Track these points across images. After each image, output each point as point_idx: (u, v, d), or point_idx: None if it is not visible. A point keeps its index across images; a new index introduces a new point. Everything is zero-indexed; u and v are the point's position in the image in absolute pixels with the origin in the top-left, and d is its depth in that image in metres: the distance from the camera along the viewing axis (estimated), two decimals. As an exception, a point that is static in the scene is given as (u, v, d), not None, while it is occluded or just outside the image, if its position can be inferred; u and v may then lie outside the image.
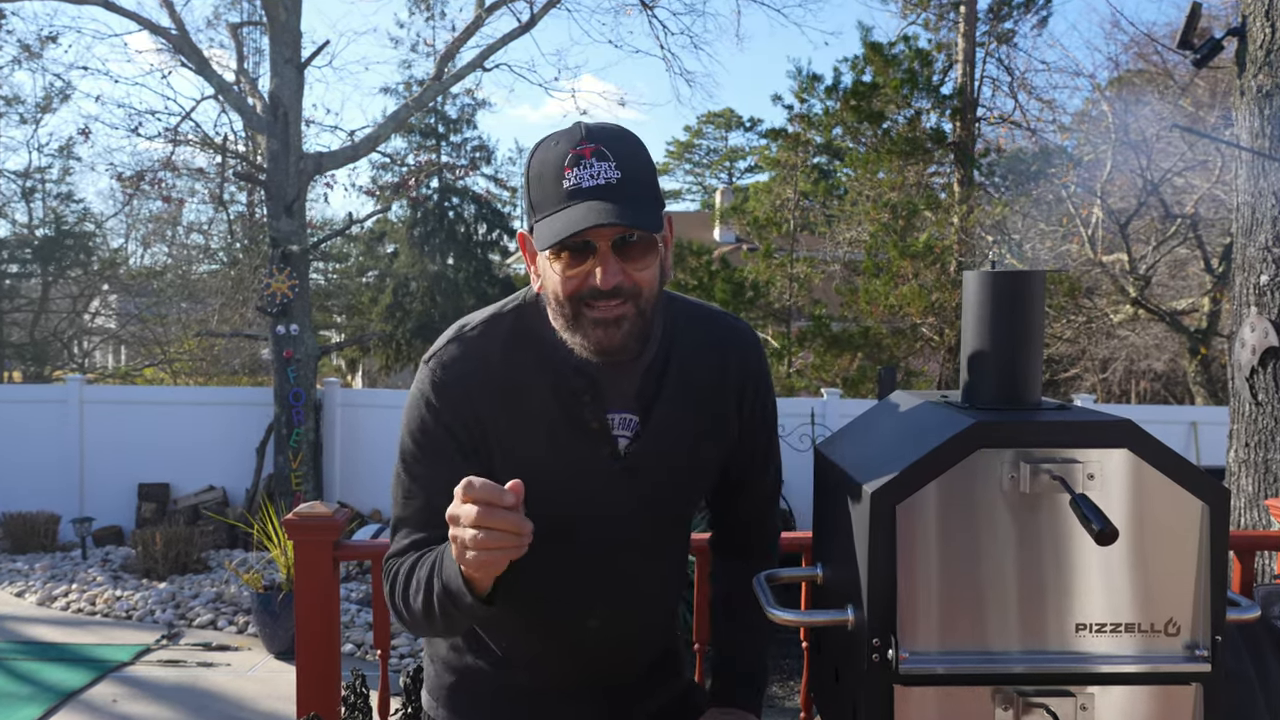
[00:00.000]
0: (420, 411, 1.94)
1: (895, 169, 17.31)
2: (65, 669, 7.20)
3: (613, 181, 1.76)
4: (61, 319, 21.03)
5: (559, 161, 1.79)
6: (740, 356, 2.08)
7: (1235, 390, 4.78)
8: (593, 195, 1.75)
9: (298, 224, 11.66)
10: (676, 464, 2.01)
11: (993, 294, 1.81)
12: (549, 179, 1.79)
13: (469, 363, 1.93)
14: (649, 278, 1.84)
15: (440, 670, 2.19)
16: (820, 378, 15.89)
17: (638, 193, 1.79)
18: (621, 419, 1.97)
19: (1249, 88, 4.70)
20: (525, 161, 1.87)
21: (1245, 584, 3.15)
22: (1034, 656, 1.69)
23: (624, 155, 1.79)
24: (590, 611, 2.03)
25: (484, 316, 2.00)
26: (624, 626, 2.08)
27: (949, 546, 1.68)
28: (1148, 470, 1.67)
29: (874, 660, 1.70)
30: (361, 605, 8.66)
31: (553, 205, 1.78)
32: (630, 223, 1.74)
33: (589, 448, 1.94)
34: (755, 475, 2.20)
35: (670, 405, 1.98)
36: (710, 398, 2.04)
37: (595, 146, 1.77)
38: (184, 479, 11.78)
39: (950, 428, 1.69)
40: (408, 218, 29.33)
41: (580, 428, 1.94)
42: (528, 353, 1.94)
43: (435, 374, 1.94)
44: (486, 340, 1.96)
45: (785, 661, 7.01)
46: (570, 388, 1.92)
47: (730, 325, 2.11)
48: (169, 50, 13.16)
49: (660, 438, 1.98)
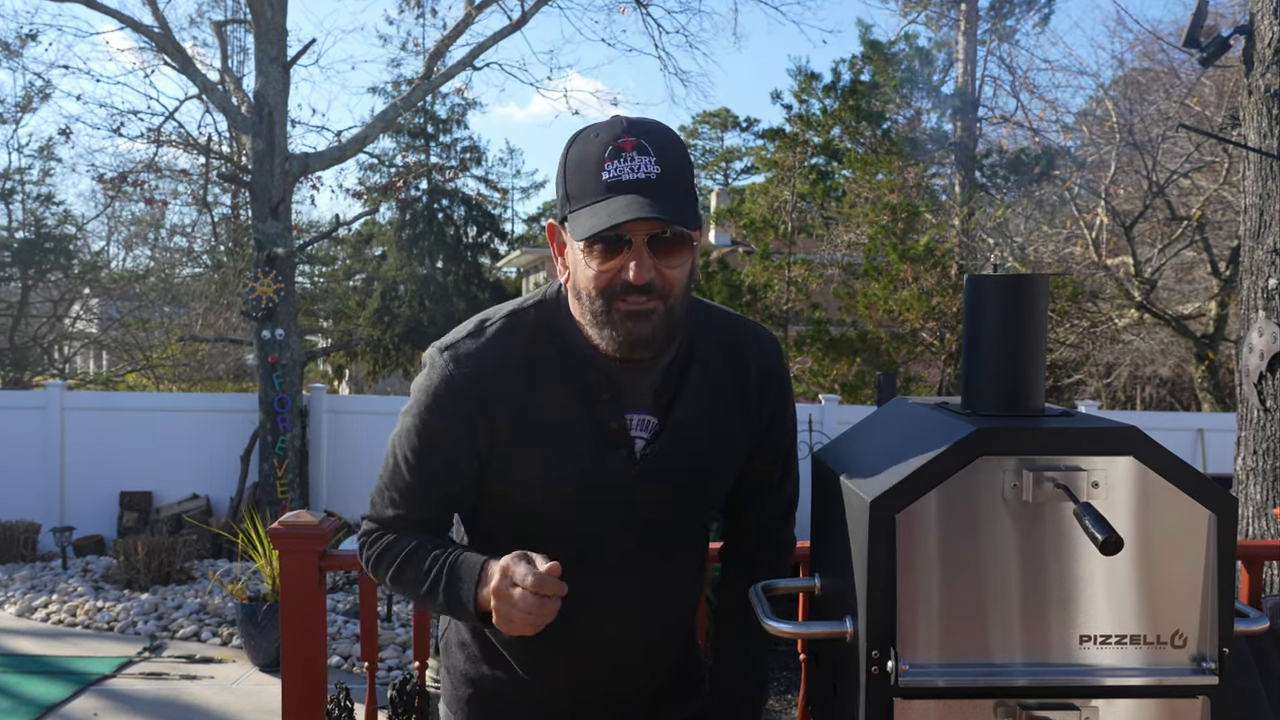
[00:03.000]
0: (428, 400, 1.94)
1: (895, 170, 17.33)
2: (45, 682, 7.18)
3: (653, 176, 1.78)
4: (42, 323, 20.97)
5: (599, 153, 1.80)
6: (761, 360, 2.09)
7: (1243, 396, 4.78)
8: (632, 189, 1.76)
9: (283, 226, 11.64)
10: (694, 466, 2.02)
11: (995, 298, 1.81)
12: (588, 170, 1.80)
13: (485, 362, 1.94)
14: (680, 276, 1.86)
15: (457, 682, 2.19)
16: (818, 383, 15.89)
17: (677, 189, 1.81)
18: (640, 420, 1.98)
19: (1257, 86, 4.71)
20: (563, 151, 1.88)
21: (1253, 595, 3.15)
22: (1037, 669, 1.69)
23: (664, 151, 1.81)
24: (606, 616, 2.03)
25: (506, 311, 2.01)
26: (641, 633, 2.08)
27: (950, 556, 1.68)
28: (1153, 478, 1.67)
29: (873, 673, 1.70)
30: (348, 616, 8.65)
31: (591, 196, 1.79)
32: (671, 218, 1.75)
33: (606, 448, 1.95)
34: (771, 483, 2.20)
35: (689, 407, 1.99)
36: (730, 400, 2.05)
37: (636, 140, 1.80)
38: (167, 487, 11.75)
39: (951, 435, 1.69)
40: (396, 220, 29.36)
41: (598, 428, 1.94)
42: (547, 349, 1.95)
43: (448, 368, 1.94)
44: (506, 338, 1.96)
45: (782, 674, 7.00)
46: (589, 387, 1.93)
47: (752, 329, 2.12)
48: (151, 49, 13.17)
49: (678, 440, 1.99)
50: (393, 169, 24.75)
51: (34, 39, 14.86)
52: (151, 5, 12.27)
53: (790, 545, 2.29)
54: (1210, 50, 4.84)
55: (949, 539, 1.67)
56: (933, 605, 1.69)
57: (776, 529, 2.26)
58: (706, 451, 2.03)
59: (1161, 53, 16.56)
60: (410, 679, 5.24)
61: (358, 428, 11.96)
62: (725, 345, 2.06)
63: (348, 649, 7.84)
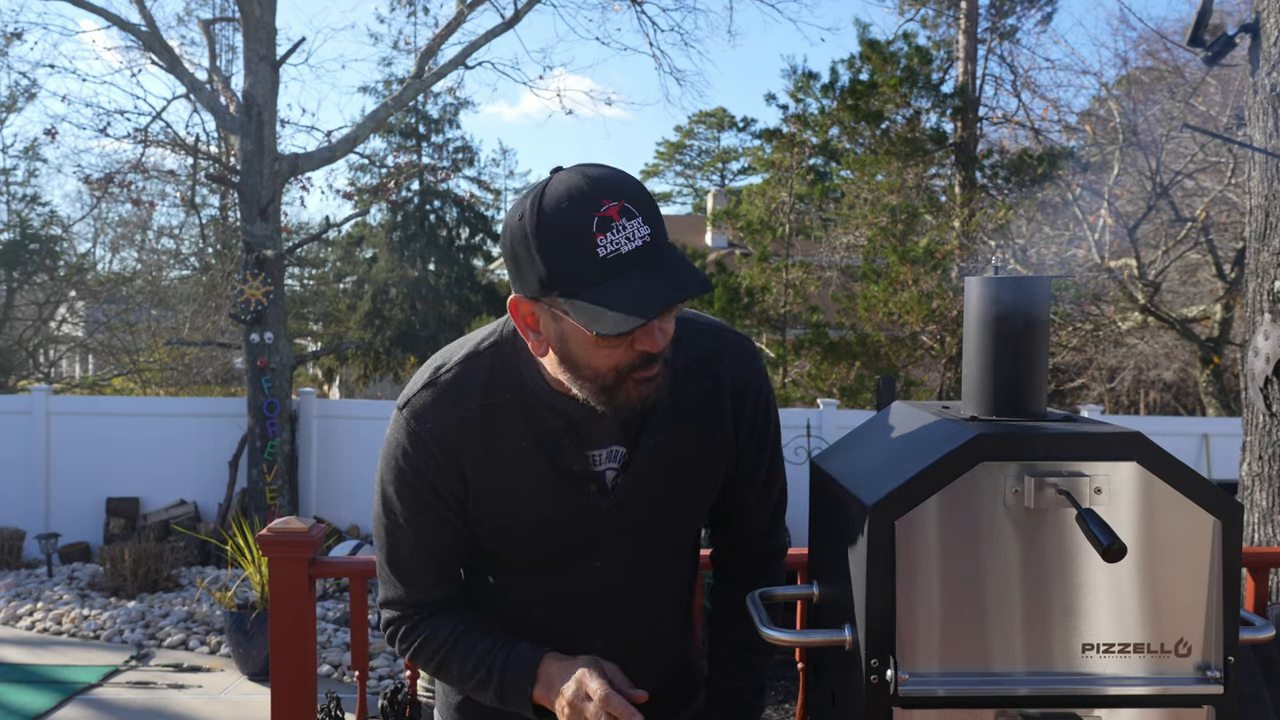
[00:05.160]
0: (397, 463, 1.92)
1: (894, 171, 17.33)
2: (30, 691, 7.17)
3: (647, 240, 1.67)
4: (26, 327, 20.93)
5: (584, 228, 1.66)
6: (735, 368, 2.03)
7: (1248, 401, 4.78)
8: (634, 260, 1.66)
9: (272, 228, 11.64)
10: (670, 492, 1.99)
11: (996, 301, 1.81)
12: (578, 249, 1.66)
13: (444, 410, 1.90)
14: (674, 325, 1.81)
15: (449, 690, 2.20)
16: (817, 388, 15.89)
17: (669, 245, 1.73)
18: (609, 452, 1.95)
19: (1262, 86, 4.71)
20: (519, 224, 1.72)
21: (1259, 602, 3.15)
22: (1039, 678, 1.69)
23: (641, 203, 1.70)
24: (594, 642, 2.01)
25: (460, 356, 1.95)
26: (631, 647, 2.07)
27: (950, 563, 1.68)
28: (1157, 484, 1.67)
29: (872, 682, 1.70)
30: (339, 625, 8.64)
31: (593, 279, 1.66)
32: (696, 290, 1.68)
33: (574, 490, 1.93)
34: (757, 490, 2.16)
35: (660, 432, 1.96)
36: (703, 415, 2.00)
37: (620, 204, 1.67)
38: (154, 493, 11.74)
39: (952, 440, 1.69)
40: (387, 221, 29.36)
41: (562, 471, 1.92)
42: (504, 395, 1.91)
43: (410, 425, 1.91)
44: (461, 385, 1.91)
45: (780, 683, 7.01)
46: (549, 431, 1.91)
47: (724, 337, 2.05)
48: (138, 47, 13.16)
49: (650, 466, 1.96)
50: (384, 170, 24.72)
51: (19, 38, 14.84)
52: (138, 3, 12.26)
53: (782, 549, 2.28)
54: (1215, 49, 4.84)
55: (949, 546, 1.67)
56: (933, 613, 1.68)
57: (765, 536, 2.24)
58: (681, 476, 2.00)
59: (1166, 51, 16.58)
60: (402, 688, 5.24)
61: (348, 433, 11.95)
62: (696, 367, 1.99)
63: (338, 657, 7.84)
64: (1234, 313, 14.51)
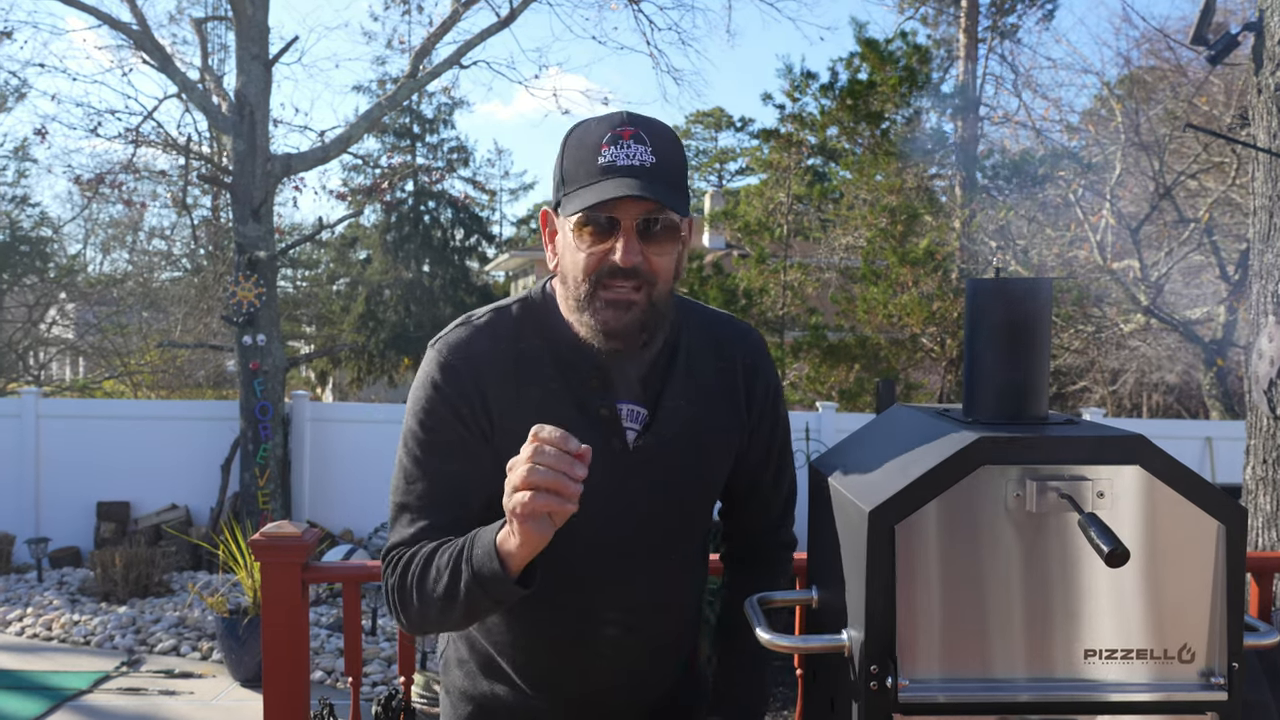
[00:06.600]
0: (427, 393, 1.97)
1: (893, 171, 17.33)
2: (19, 698, 7.16)
3: (647, 164, 1.83)
4: (16, 329, 20.92)
5: (597, 139, 1.86)
6: (748, 359, 2.14)
7: (1252, 404, 4.78)
8: (626, 174, 1.82)
9: (265, 229, 11.63)
10: (687, 458, 2.05)
11: (997, 302, 1.81)
12: (585, 154, 1.87)
13: (477, 344, 1.99)
14: (665, 265, 1.90)
15: (456, 700, 2.21)
16: (816, 390, 15.91)
17: (669, 179, 1.86)
18: (630, 410, 2.01)
19: (1266, 85, 4.71)
20: (563, 138, 1.94)
21: (1263, 608, 3.16)
22: (1040, 684, 1.69)
23: (661, 144, 1.87)
24: (605, 618, 2.04)
25: (490, 307, 2.07)
26: (642, 637, 2.09)
27: (951, 568, 1.68)
28: (1160, 488, 1.67)
29: (872, 688, 1.69)
30: (332, 630, 8.63)
31: (585, 179, 1.85)
32: (663, 198, 1.81)
33: (599, 436, 1.95)
34: (766, 484, 2.23)
35: (678, 398, 2.03)
36: (716, 396, 2.09)
37: (635, 130, 1.86)
38: (145, 497, 11.72)
39: (952, 443, 1.69)
40: (381, 222, 29.38)
41: (590, 414, 1.98)
42: (534, 342, 2.00)
43: (442, 355, 1.98)
44: (494, 326, 2.02)
45: (779, 689, 7.00)
46: (578, 375, 1.97)
47: (736, 326, 2.18)
48: (130, 46, 13.13)
49: (670, 430, 2.02)
50: (378, 170, 24.73)
51: (9, 36, 14.81)
52: (129, 1, 12.25)
53: (791, 544, 2.32)
54: (1218, 48, 4.84)
55: (950, 550, 1.67)
56: (933, 618, 1.68)
57: (776, 528, 2.29)
58: (698, 443, 2.06)
59: (1168, 50, 16.56)
60: (396, 694, 5.23)
61: (342, 436, 11.95)
62: (710, 342, 2.11)
63: (331, 664, 7.82)
64: (1238, 315, 14.49)
